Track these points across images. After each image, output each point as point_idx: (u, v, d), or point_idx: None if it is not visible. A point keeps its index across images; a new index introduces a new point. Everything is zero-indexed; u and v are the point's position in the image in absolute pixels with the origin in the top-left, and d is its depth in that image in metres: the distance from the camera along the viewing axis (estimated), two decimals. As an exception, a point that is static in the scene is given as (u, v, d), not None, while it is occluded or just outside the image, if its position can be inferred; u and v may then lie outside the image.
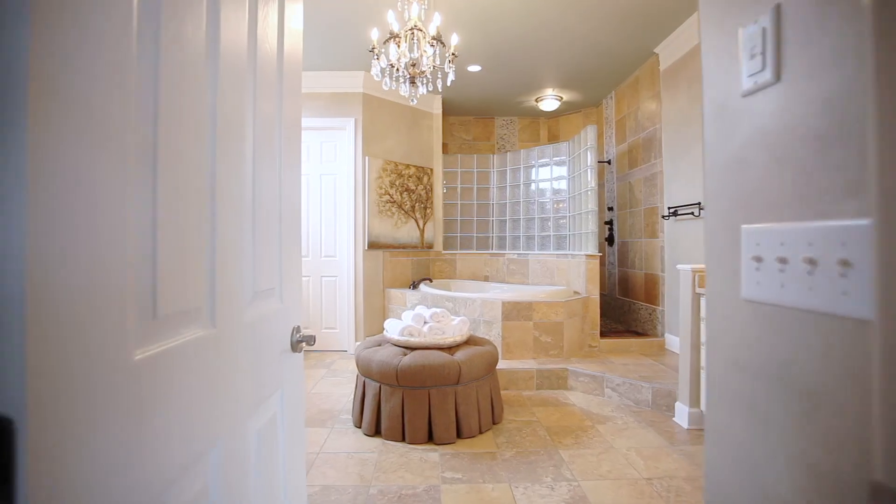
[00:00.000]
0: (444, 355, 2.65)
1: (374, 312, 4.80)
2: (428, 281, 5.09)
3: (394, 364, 2.58)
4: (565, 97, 5.52)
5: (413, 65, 2.47)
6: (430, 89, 2.57)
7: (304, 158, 4.74)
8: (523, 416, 2.97)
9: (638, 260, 4.74)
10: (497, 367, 3.26)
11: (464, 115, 6.22)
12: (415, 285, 4.88)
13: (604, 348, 4.13)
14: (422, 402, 2.56)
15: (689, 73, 3.74)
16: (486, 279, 5.50)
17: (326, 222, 4.75)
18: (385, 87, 2.53)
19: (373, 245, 4.75)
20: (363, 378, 2.77)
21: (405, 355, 2.68)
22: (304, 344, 1.06)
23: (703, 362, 2.68)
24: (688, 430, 2.71)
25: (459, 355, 2.70)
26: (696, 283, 2.70)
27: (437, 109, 5.42)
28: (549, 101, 5.53)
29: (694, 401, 2.73)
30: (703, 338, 2.68)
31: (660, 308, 4.31)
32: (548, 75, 4.81)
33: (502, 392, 3.41)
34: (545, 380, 3.52)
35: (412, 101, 2.56)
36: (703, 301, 2.68)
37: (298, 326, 1.07)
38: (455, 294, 4.20)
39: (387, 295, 4.88)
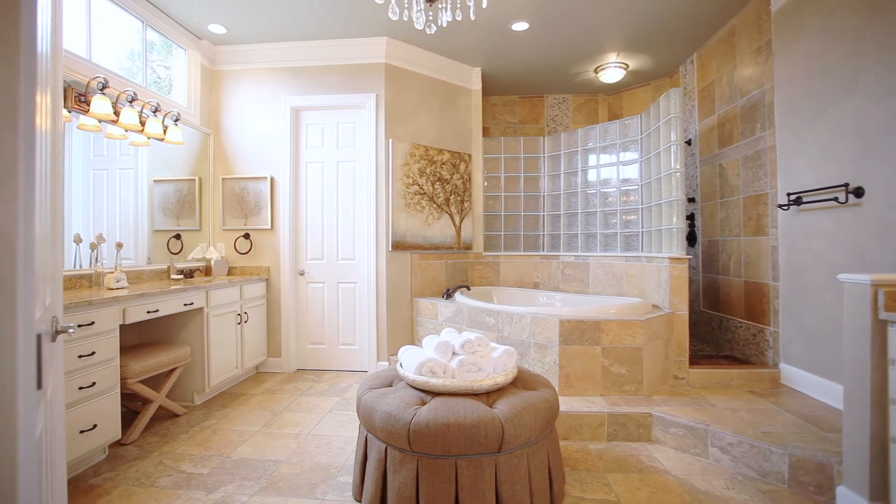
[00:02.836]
0: (479, 406, 1.80)
1: (399, 326, 4.01)
2: (465, 289, 4.24)
3: (405, 420, 1.75)
4: (632, 65, 4.51)
5: (431, -27, 1.66)
6: (460, 17, 1.75)
7: (317, 143, 4.02)
8: (595, 490, 2.06)
9: (734, 264, 3.68)
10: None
11: (507, 95, 5.32)
12: (449, 294, 4.05)
13: (694, 381, 3.12)
14: (446, 479, 1.72)
15: (828, 2, 2.68)
16: (536, 287, 4.58)
17: (344, 218, 4.01)
18: (393, 16, 1.73)
19: (398, 245, 3.96)
20: (366, 432, 1.97)
21: (423, 405, 1.85)
22: None
23: (894, 431, 1.67)
24: (868, 537, 1.71)
25: (502, 406, 1.83)
26: (883, 303, 1.70)
27: (477, 84, 4.56)
28: (613, 71, 4.54)
29: (878, 492, 1.72)
30: (893, 392, 1.68)
31: (770, 328, 3.24)
32: (612, 34, 3.84)
33: (560, 443, 2.52)
34: (620, 427, 2.58)
35: (429, 28, 1.74)
36: (892, 332, 1.68)
37: None
38: (498, 307, 3.33)
39: (415, 305, 4.08)
